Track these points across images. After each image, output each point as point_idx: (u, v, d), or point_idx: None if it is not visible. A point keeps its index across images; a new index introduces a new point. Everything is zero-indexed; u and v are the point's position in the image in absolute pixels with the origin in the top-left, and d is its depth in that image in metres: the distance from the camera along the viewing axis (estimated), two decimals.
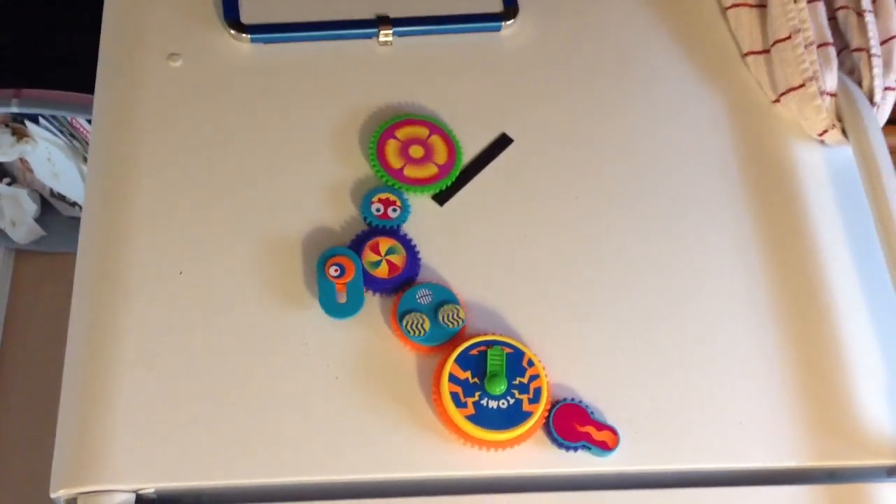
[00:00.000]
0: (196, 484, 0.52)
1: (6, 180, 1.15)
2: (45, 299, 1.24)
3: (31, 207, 1.18)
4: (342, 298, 0.58)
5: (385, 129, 0.65)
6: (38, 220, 1.21)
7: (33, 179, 1.15)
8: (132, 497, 0.52)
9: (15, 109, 0.98)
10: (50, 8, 1.04)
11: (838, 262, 0.63)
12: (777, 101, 0.68)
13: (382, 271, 0.59)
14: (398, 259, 0.60)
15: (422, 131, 0.65)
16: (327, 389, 0.56)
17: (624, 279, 0.61)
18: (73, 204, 1.18)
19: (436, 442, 0.55)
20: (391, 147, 0.64)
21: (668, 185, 0.65)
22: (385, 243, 0.60)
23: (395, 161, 0.64)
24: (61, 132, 1.04)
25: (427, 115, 0.66)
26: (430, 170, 0.63)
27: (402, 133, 0.64)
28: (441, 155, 0.64)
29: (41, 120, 1.03)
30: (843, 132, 0.65)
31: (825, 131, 0.66)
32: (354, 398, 0.56)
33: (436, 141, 0.64)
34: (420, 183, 0.63)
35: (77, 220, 1.20)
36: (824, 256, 0.63)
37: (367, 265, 0.59)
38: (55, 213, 1.22)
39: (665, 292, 0.61)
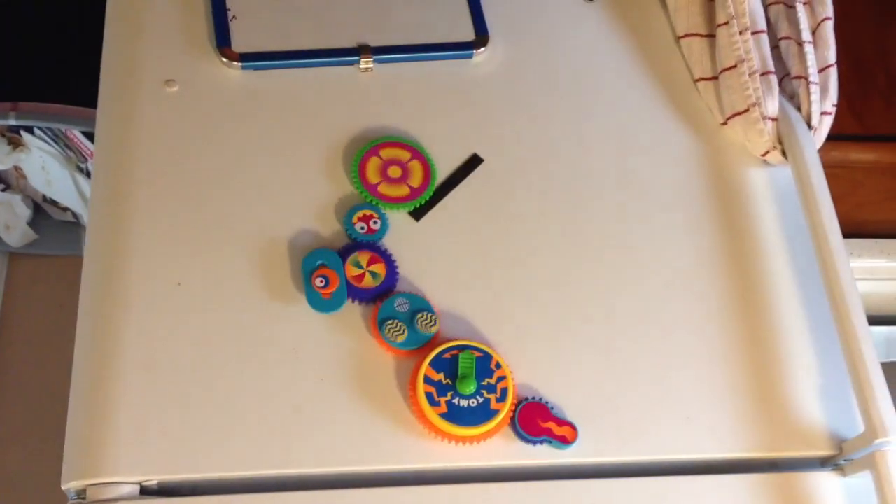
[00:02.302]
0: (194, 476, 0.58)
1: (1, 186, 1.20)
2: (37, 299, 1.28)
3: (25, 212, 1.22)
4: (327, 295, 0.64)
5: (371, 147, 0.70)
6: (31, 223, 1.25)
7: (27, 186, 1.20)
8: (136, 488, 0.57)
9: (13, 122, 1.02)
10: (44, 24, 1.08)
11: (779, 269, 0.69)
12: (725, 123, 0.74)
13: (364, 282, 0.65)
14: (378, 270, 0.65)
15: (403, 154, 0.70)
16: (314, 390, 0.62)
17: (584, 289, 0.67)
18: (65, 209, 1.23)
19: (412, 437, 0.61)
20: (372, 164, 0.69)
21: (627, 200, 0.71)
22: (366, 256, 0.66)
23: (373, 177, 0.69)
24: (55, 142, 1.08)
25: (412, 141, 0.71)
26: (402, 190, 0.69)
27: (386, 153, 0.70)
28: (416, 178, 0.69)
29: (36, 130, 1.07)
30: (783, 153, 0.71)
31: (767, 152, 0.72)
32: (338, 398, 0.61)
33: (414, 165, 0.70)
34: (393, 200, 0.68)
35: (68, 223, 1.25)
36: (767, 264, 0.69)
37: (350, 276, 0.65)
38: (47, 217, 1.26)
39: (622, 298, 0.67)
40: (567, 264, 0.68)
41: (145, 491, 0.58)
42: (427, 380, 0.61)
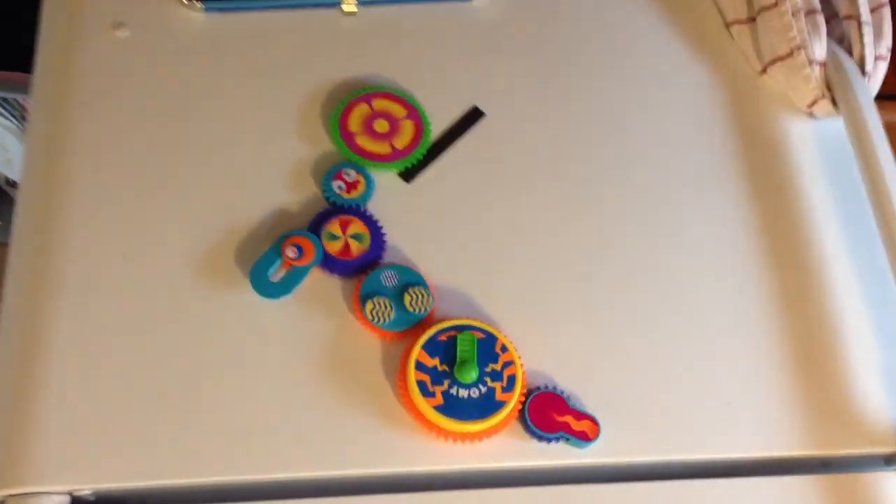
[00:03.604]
0: (136, 484, 0.48)
1: None
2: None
3: None
4: (276, 277, 0.54)
5: (363, 94, 0.60)
6: None
7: None
8: (66, 499, 0.47)
9: None
10: None
11: (832, 240, 0.60)
12: (764, 71, 0.64)
13: (344, 252, 0.55)
14: (361, 239, 0.56)
15: (398, 110, 0.60)
16: (281, 381, 0.52)
17: (604, 260, 0.58)
18: None
19: (402, 435, 0.51)
20: (358, 112, 0.60)
21: (651, 163, 0.61)
22: (347, 222, 0.56)
23: (354, 125, 0.59)
24: (14, 116, 0.99)
25: (410, 96, 0.61)
26: (384, 147, 0.59)
27: (379, 104, 0.60)
28: (404, 137, 0.60)
29: None
30: (833, 103, 0.62)
31: (814, 102, 0.62)
32: (312, 389, 0.52)
33: (406, 125, 0.60)
34: (375, 158, 0.59)
35: None
36: (817, 235, 0.60)
37: (329, 246, 0.55)
38: (10, 202, 1.17)
39: (649, 272, 0.57)
40: (583, 233, 0.58)
41: (78, 502, 0.48)
42: (419, 366, 0.51)
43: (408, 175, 0.59)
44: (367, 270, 0.55)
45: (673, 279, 0.57)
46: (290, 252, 0.54)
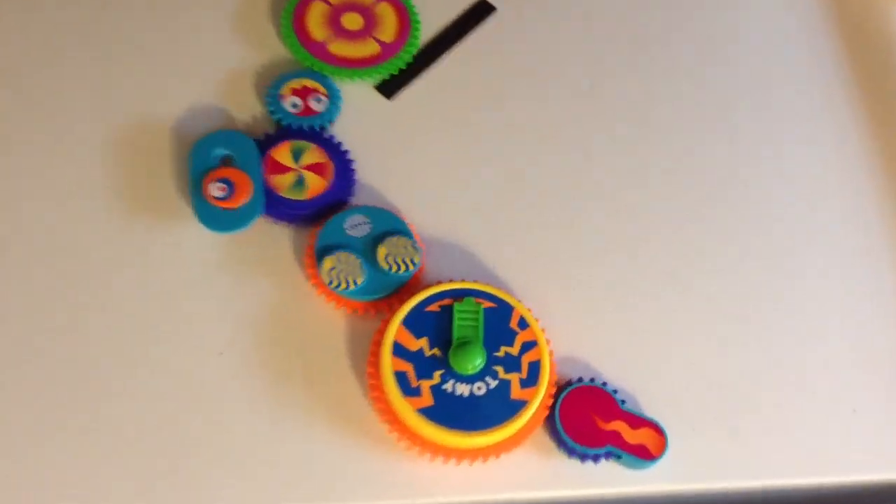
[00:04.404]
0: None
1: None
2: None
3: None
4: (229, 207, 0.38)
5: None
6: None
7: None
8: None
9: None
10: None
11: None
12: None
13: (297, 190, 0.39)
14: (321, 172, 0.40)
15: None
16: (203, 371, 0.36)
17: (663, 205, 0.41)
18: None
19: (373, 453, 0.35)
20: (316, 12, 0.44)
21: (728, 70, 0.45)
22: (301, 150, 0.40)
23: (317, 31, 0.43)
24: None
25: None
26: (368, 47, 0.43)
27: None
28: (388, 29, 0.44)
29: None
30: None
31: None
32: (245, 385, 0.36)
33: (384, 10, 0.44)
34: (353, 65, 0.43)
35: None
36: None
37: (275, 182, 0.39)
38: None
39: (731, 225, 0.41)
40: (632, 167, 0.42)
41: None
42: (399, 351, 0.35)
43: (388, 88, 0.43)
44: (328, 215, 0.39)
45: (764, 242, 0.41)
46: (215, 189, 0.38)
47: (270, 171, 0.39)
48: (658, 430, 0.35)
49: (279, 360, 0.37)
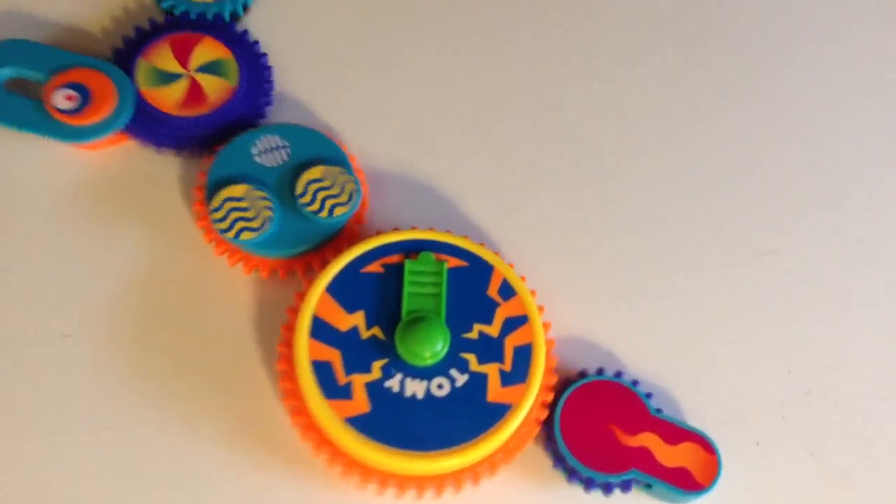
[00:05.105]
0: None
1: None
2: None
3: None
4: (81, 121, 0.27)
5: None
6: None
7: None
8: None
9: None
10: None
11: None
12: None
13: (188, 102, 0.28)
14: (223, 73, 0.28)
15: None
16: (36, 360, 0.25)
17: (699, 135, 0.30)
18: None
19: (290, 481, 0.24)
20: None
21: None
22: (192, 43, 0.28)
23: None
24: None
25: None
26: None
27: None
28: None
29: None
30: None
31: None
32: (100, 381, 0.25)
33: None
34: None
35: None
36: None
37: (154, 93, 0.28)
38: None
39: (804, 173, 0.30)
40: (658, 90, 0.30)
41: None
42: (321, 331, 0.24)
43: None
44: (228, 136, 0.27)
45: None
46: (61, 99, 0.26)
47: (144, 75, 0.28)
48: (707, 446, 0.24)
49: (153, 344, 0.25)
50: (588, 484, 0.24)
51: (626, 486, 0.24)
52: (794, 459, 0.24)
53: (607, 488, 0.24)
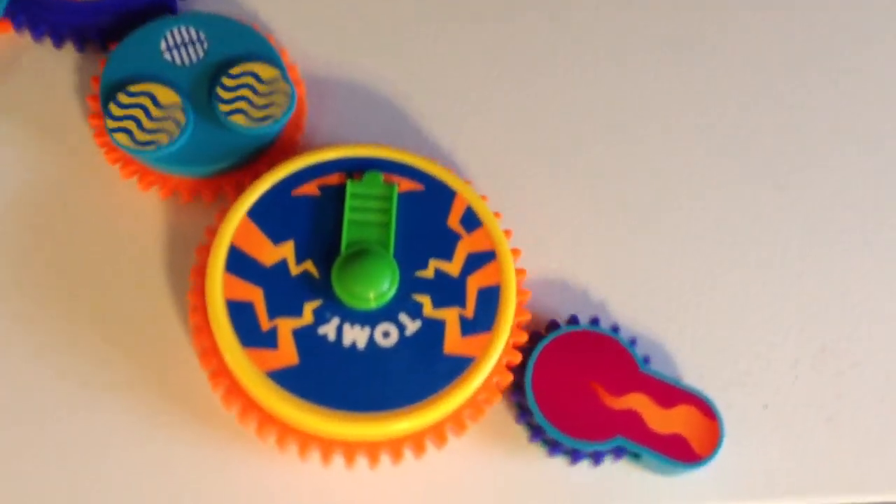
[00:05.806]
0: None
1: None
2: None
3: None
4: None
5: None
6: None
7: None
8: None
9: None
10: None
11: None
12: None
13: None
14: None
15: None
16: None
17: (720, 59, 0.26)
18: None
19: (202, 444, 0.20)
20: None
21: None
22: None
23: None
24: None
25: None
26: None
27: None
28: None
29: None
30: None
31: None
32: None
33: None
34: None
35: None
36: None
37: None
38: None
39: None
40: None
41: None
42: (239, 264, 0.19)
43: None
44: (132, 25, 0.23)
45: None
46: None
47: None
48: (707, 410, 0.20)
49: (42, 282, 0.21)
50: (565, 452, 0.20)
51: (615, 454, 0.20)
52: (807, 426, 0.21)
53: (594, 458, 0.20)
